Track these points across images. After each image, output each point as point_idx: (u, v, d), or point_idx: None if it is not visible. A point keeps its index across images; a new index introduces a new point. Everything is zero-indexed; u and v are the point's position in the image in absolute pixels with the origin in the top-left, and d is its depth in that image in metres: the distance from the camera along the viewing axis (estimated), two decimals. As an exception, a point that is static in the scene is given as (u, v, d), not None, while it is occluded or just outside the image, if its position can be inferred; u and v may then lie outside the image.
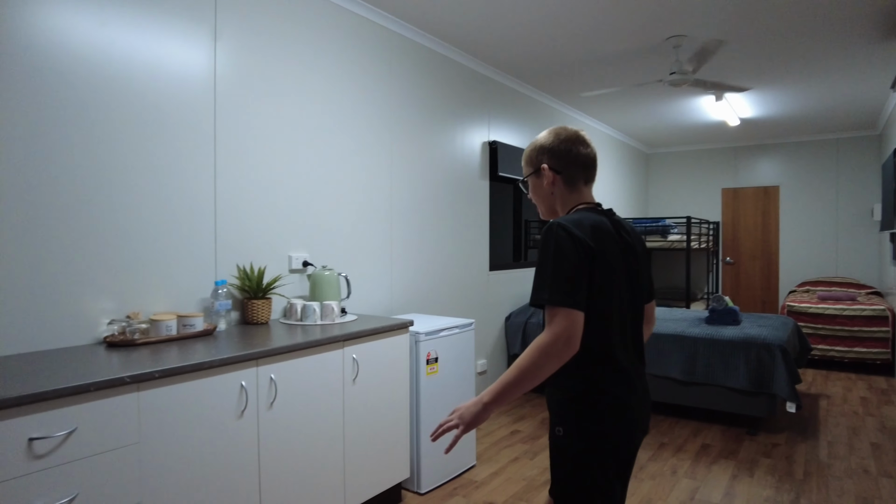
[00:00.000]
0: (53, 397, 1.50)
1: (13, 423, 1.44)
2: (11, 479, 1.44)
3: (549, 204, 1.53)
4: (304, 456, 2.19)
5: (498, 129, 4.54)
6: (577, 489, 1.35)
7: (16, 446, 1.45)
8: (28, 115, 1.93)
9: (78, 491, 1.56)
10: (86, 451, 1.57)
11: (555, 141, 1.48)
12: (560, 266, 1.28)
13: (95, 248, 2.11)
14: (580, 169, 1.48)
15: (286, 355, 2.12)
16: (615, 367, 1.35)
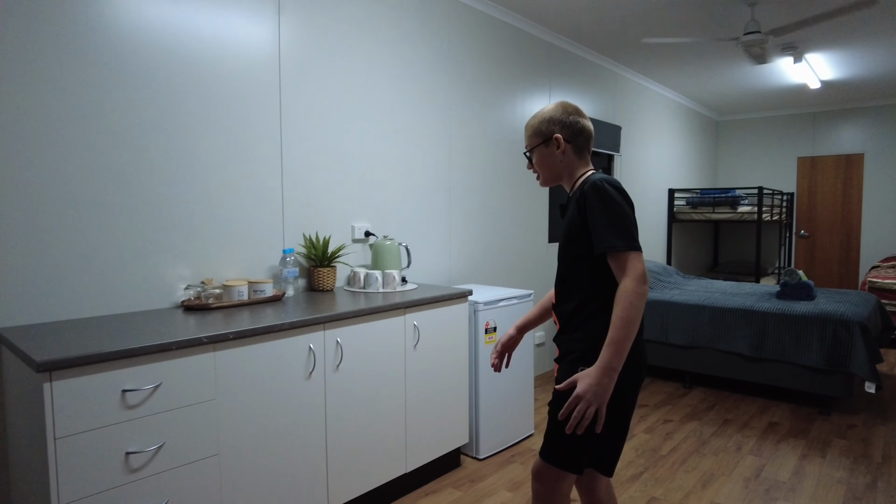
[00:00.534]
0: (142, 353, 1.62)
1: (109, 375, 1.57)
2: (110, 424, 1.57)
3: (556, 171, 1.64)
4: (367, 417, 2.28)
5: (560, 97, 4.44)
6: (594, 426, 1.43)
7: (112, 396, 1.58)
8: (111, 94, 2.04)
9: (164, 440, 1.69)
10: (170, 405, 1.70)
11: (564, 113, 1.61)
12: (621, 215, 1.44)
13: (173, 219, 2.23)
14: (585, 139, 1.62)
15: (351, 320, 2.20)
16: None
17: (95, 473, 1.55)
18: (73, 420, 1.51)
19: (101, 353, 1.54)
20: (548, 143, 1.61)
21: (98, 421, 1.55)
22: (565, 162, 1.61)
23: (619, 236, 1.41)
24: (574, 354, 1.50)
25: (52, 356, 1.47)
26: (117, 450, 1.59)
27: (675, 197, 6.39)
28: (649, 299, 4.17)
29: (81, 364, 1.51)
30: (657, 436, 3.22)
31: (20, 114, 1.85)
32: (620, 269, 1.41)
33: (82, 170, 1.99)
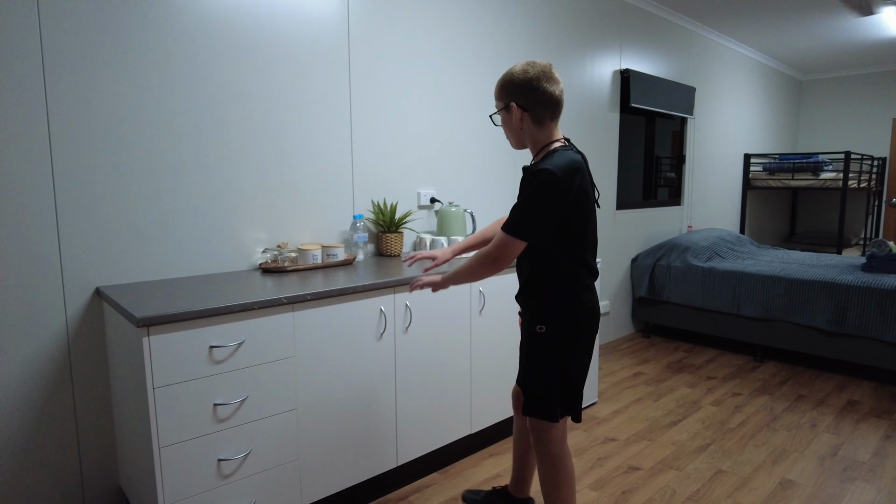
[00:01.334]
0: (227, 312, 1.72)
1: (198, 332, 1.68)
2: (200, 378, 1.69)
3: (520, 138, 1.66)
4: (434, 378, 2.34)
5: (631, 57, 4.25)
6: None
7: (201, 351, 1.69)
8: (193, 67, 2.12)
9: (248, 394, 1.80)
10: (253, 361, 1.80)
11: (523, 78, 1.56)
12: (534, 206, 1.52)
13: (252, 186, 2.32)
14: (546, 107, 1.57)
15: (419, 285, 2.24)
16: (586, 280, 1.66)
17: (188, 422, 1.68)
18: (168, 372, 1.63)
19: (191, 311, 1.64)
20: (507, 109, 1.62)
21: (189, 374, 1.67)
22: (526, 130, 1.61)
23: (514, 221, 1.54)
24: (532, 314, 1.68)
25: (149, 313, 1.59)
26: (206, 401, 1.71)
27: (750, 162, 6.06)
28: (721, 269, 4.02)
29: (175, 321, 1.62)
30: (725, 408, 3.15)
31: (117, 91, 1.96)
32: (496, 240, 1.58)
33: (169, 140, 2.09)
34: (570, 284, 1.63)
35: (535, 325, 1.66)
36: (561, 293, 1.63)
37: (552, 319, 1.64)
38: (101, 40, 1.92)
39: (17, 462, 1.88)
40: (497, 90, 1.63)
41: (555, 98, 1.57)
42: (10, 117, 1.78)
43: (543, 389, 1.68)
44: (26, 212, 1.83)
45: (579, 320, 1.65)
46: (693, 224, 5.20)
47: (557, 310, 1.63)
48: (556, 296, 1.63)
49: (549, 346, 1.65)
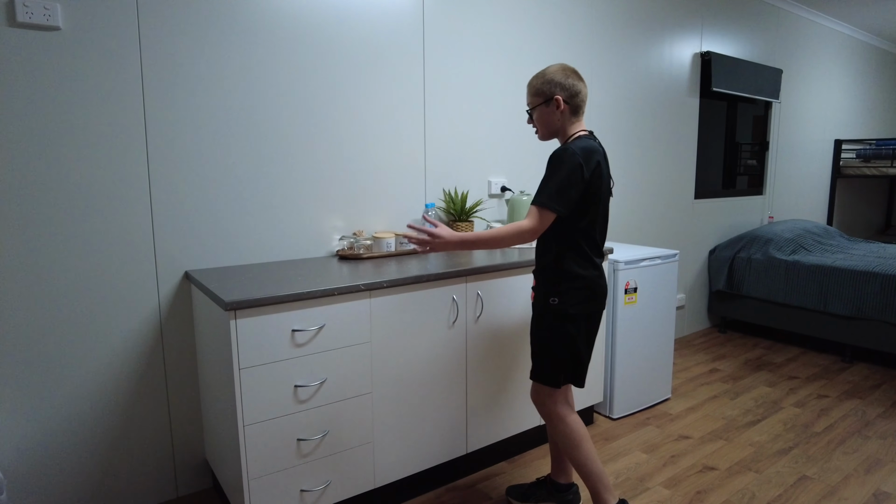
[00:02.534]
0: (308, 298, 1.78)
1: (281, 316, 1.75)
2: (282, 360, 1.76)
3: (553, 129, 1.87)
4: (504, 367, 2.34)
5: (712, 39, 4.04)
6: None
7: (283, 335, 1.75)
8: (275, 61, 2.19)
9: (327, 377, 1.86)
10: (332, 345, 1.86)
11: (563, 76, 1.81)
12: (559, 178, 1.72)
13: (329, 175, 2.38)
14: (580, 101, 1.83)
15: (490, 274, 2.23)
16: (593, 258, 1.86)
17: (270, 401, 1.75)
18: (253, 354, 1.71)
19: (276, 295, 1.71)
20: (548, 103, 1.82)
21: (272, 356, 1.74)
22: (562, 121, 1.84)
23: (545, 193, 1.72)
24: (546, 287, 1.85)
25: (235, 297, 1.66)
26: (288, 383, 1.78)
27: (842, 149, 5.65)
28: (807, 263, 3.78)
29: (259, 305, 1.69)
30: (809, 411, 2.98)
31: (206, 88, 2.05)
32: (529, 215, 1.74)
33: (253, 134, 2.17)
34: (581, 262, 1.82)
35: (549, 297, 1.84)
36: (574, 268, 1.81)
37: (564, 292, 1.82)
38: (193, 37, 2.01)
39: (115, 434, 2.03)
40: (537, 87, 1.83)
41: (583, 94, 1.84)
42: (109, 114, 1.90)
43: (551, 358, 1.87)
44: (124, 200, 1.95)
45: (587, 295, 1.84)
46: (775, 215, 4.91)
47: (569, 283, 1.82)
48: (569, 271, 1.81)
49: (560, 317, 1.84)
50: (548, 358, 1.88)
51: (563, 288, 1.82)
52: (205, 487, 2.24)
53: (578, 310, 1.84)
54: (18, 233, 1.79)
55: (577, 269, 1.82)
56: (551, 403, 1.91)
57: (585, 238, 1.82)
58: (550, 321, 1.86)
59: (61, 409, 1.92)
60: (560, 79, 1.81)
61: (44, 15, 1.77)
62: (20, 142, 1.77)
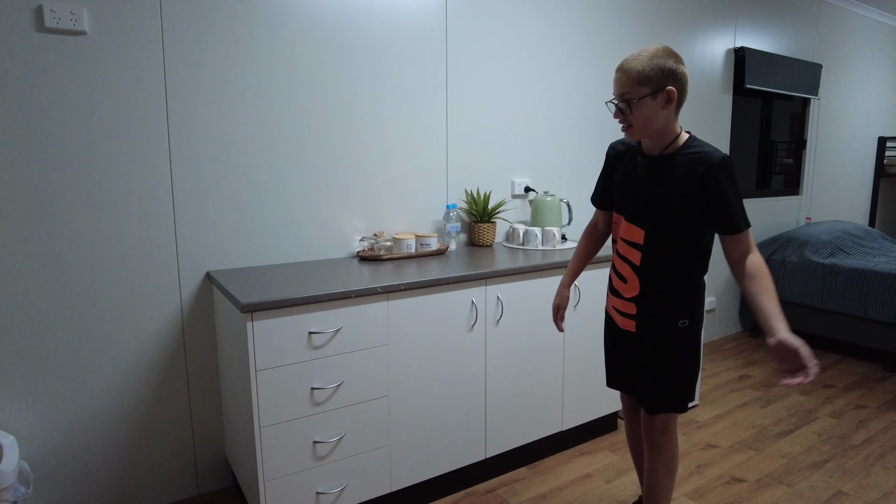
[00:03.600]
0: (325, 300, 1.77)
1: (298, 318, 1.74)
2: (298, 362, 1.76)
3: (653, 126, 1.52)
4: (525, 372, 2.30)
5: (747, 33, 3.91)
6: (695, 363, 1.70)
7: (300, 337, 1.75)
8: (299, 61, 2.19)
9: (343, 379, 1.85)
10: (349, 347, 1.85)
11: (675, 65, 1.47)
12: (740, 194, 1.51)
13: (351, 175, 2.37)
14: (685, 95, 1.53)
15: (510, 277, 2.20)
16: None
17: (287, 403, 1.75)
18: (270, 355, 1.71)
19: (292, 298, 1.70)
20: (656, 95, 1.47)
21: (289, 358, 1.74)
22: (666, 118, 1.51)
23: (743, 216, 1.49)
24: (670, 312, 1.62)
25: (253, 299, 1.66)
26: (304, 385, 1.78)
27: (886, 146, 5.41)
28: (846, 266, 3.63)
29: (276, 307, 1.69)
30: (847, 422, 2.86)
31: (228, 89, 2.06)
32: (745, 244, 1.50)
33: (274, 135, 2.18)
34: (702, 275, 1.66)
35: (678, 320, 1.63)
36: (701, 285, 1.66)
37: (694, 312, 1.64)
38: (215, 40, 2.03)
39: (137, 432, 2.06)
40: (643, 73, 1.45)
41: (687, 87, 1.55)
42: (133, 116, 1.93)
43: (686, 383, 1.67)
44: (147, 201, 1.98)
45: (700, 303, 1.68)
46: (813, 216, 4.74)
47: (697, 302, 1.65)
48: (698, 289, 1.64)
49: (692, 338, 1.66)
50: (684, 384, 1.67)
51: (693, 307, 1.64)
52: (225, 485, 2.26)
53: (700, 327, 1.69)
54: (43, 233, 1.83)
55: (701, 284, 1.66)
56: (675, 431, 1.73)
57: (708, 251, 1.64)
58: (683, 344, 1.64)
59: (86, 408, 1.96)
60: (672, 66, 1.46)
61: (70, 20, 1.80)
62: (48, 144, 1.81)
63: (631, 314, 1.68)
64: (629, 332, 1.72)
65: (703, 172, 1.47)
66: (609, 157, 1.75)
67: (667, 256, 1.59)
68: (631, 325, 1.69)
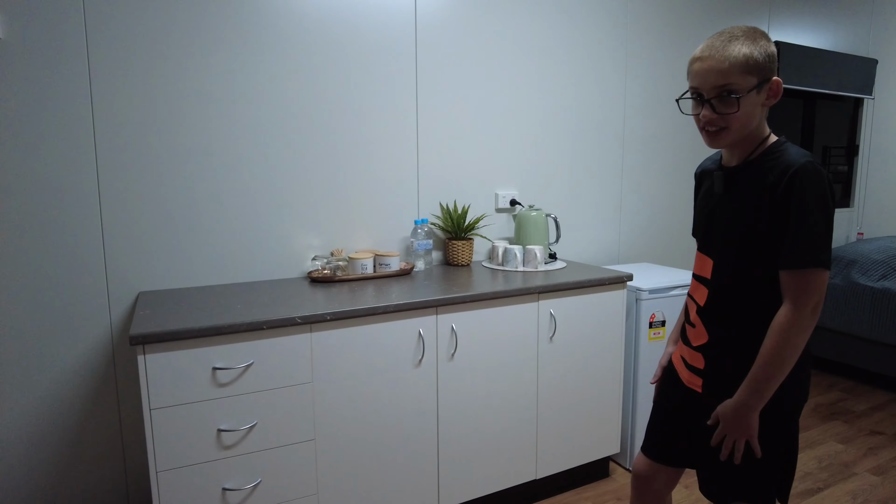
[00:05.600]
0: (231, 332, 1.56)
1: (199, 352, 1.54)
2: (202, 400, 1.55)
3: (748, 129, 1.18)
4: (489, 413, 2.01)
5: (782, 25, 3.48)
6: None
7: (203, 372, 1.55)
8: (241, 66, 2.01)
9: (257, 420, 1.63)
10: (263, 385, 1.63)
11: (773, 47, 1.16)
12: (829, 220, 1.10)
13: (305, 186, 2.17)
14: None
15: (469, 305, 1.93)
16: None
17: (189, 446, 1.55)
18: (167, 393, 1.51)
19: (189, 329, 1.50)
20: (761, 87, 1.14)
21: (190, 396, 1.54)
22: (759, 119, 1.18)
23: (817, 249, 1.09)
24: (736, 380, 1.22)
25: (145, 329, 1.47)
26: (209, 426, 1.57)
27: (960, 153, 4.76)
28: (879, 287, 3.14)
29: (171, 339, 1.49)
30: (855, 448, 2.41)
31: (158, 93, 1.90)
32: (798, 289, 1.11)
33: (216, 141, 2.00)
34: None
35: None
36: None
37: (793, 373, 1.19)
38: (145, 40, 1.87)
39: (66, 460, 1.91)
40: (753, 60, 1.12)
41: None
42: (56, 125, 1.79)
43: (766, 477, 1.23)
44: (71, 216, 1.83)
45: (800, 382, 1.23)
46: (865, 231, 4.19)
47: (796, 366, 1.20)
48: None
49: (782, 417, 1.22)
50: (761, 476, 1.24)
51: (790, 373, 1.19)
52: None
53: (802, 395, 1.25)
54: (-50, 252, 1.71)
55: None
56: None
57: None
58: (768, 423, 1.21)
59: (6, 437, 1.82)
60: (773, 50, 1.15)
61: (-21, 23, 1.67)
62: (-49, 156, 1.69)
63: (698, 369, 1.31)
64: (694, 392, 1.33)
65: (773, 181, 1.13)
66: (696, 177, 1.44)
67: (737, 294, 1.22)
68: (697, 384, 1.31)
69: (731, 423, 1.19)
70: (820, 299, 1.11)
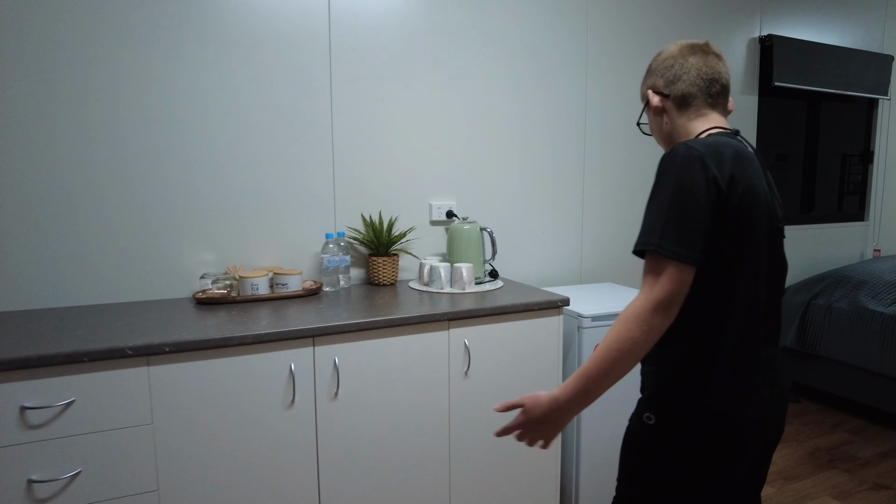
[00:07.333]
0: (43, 365, 1.32)
1: (4, 388, 1.31)
2: (8, 445, 1.32)
3: (662, 137, 1.22)
4: (384, 465, 1.73)
5: (776, 18, 3.11)
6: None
7: (9, 413, 1.31)
8: (133, 62, 1.80)
9: (80, 468, 1.39)
10: (87, 427, 1.39)
11: (661, 60, 1.18)
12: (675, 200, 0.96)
13: (198, 193, 1.94)
14: (695, 85, 1.13)
15: (358, 334, 1.65)
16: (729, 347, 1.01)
17: (-9, 501, 1.31)
18: (-39, 437, 1.28)
19: (-14, 362, 1.27)
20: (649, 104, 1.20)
21: (-9, 440, 1.31)
22: (672, 125, 1.17)
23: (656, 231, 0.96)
24: (646, 392, 1.08)
25: (-67, 362, 1.25)
26: (18, 475, 1.33)
27: None
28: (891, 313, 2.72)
29: (-37, 374, 1.26)
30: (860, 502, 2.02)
31: (19, 90, 1.70)
32: (644, 276, 0.98)
33: (83, 137, 1.79)
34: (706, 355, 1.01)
35: (644, 411, 1.06)
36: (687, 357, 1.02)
37: (672, 405, 1.02)
38: (8, 38, 1.67)
39: None
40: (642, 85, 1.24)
41: (708, 71, 1.13)
42: None
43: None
44: None
45: (713, 425, 0.99)
46: (882, 248, 3.74)
47: (682, 386, 1.01)
48: (682, 364, 1.02)
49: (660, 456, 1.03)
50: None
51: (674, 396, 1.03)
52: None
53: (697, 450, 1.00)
54: None
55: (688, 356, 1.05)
56: None
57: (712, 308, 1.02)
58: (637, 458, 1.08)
59: None
60: (655, 64, 1.19)
61: None
62: None
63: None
64: None
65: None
66: None
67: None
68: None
69: (539, 416, 1.02)
70: (667, 296, 0.93)
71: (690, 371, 1.00)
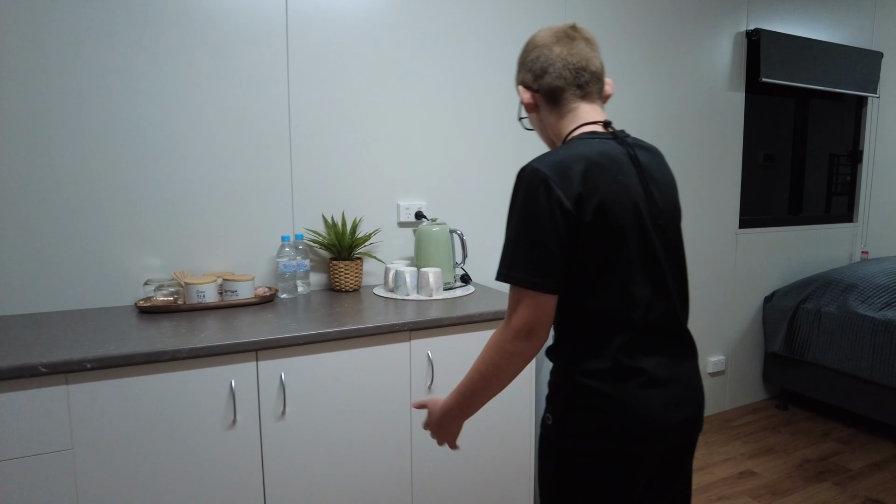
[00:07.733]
0: (-60, 386, 1.17)
1: None
2: None
3: (548, 140, 1.12)
4: (338, 491, 1.58)
5: (763, 12, 3.00)
6: None
7: None
8: (71, 52, 1.64)
9: (-13, 502, 1.24)
10: (-6, 455, 1.24)
11: (528, 47, 1.08)
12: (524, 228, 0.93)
13: (142, 192, 1.79)
14: (561, 77, 1.03)
15: (307, 347, 1.51)
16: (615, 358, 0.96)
17: None
18: None
19: None
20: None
21: None
22: (547, 122, 1.08)
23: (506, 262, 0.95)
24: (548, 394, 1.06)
25: None
26: (-88, 512, 1.18)
27: None
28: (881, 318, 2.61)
29: None
30: None
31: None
32: (509, 304, 0.97)
33: (10, 133, 1.63)
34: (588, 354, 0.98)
35: (545, 412, 1.05)
36: (573, 369, 0.99)
37: (564, 409, 1.00)
38: None
39: None
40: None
41: (573, 60, 1.02)
42: None
43: None
44: None
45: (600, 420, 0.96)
46: (871, 250, 3.64)
47: (569, 391, 0.99)
48: (568, 373, 1.00)
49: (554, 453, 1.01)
50: None
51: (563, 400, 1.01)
52: None
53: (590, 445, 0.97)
54: None
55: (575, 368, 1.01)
56: None
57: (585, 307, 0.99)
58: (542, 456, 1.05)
59: None
60: (523, 56, 1.09)
61: None
62: None
63: None
64: None
65: None
66: None
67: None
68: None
69: (434, 420, 1.10)
70: (524, 324, 0.93)
71: (572, 371, 0.98)
